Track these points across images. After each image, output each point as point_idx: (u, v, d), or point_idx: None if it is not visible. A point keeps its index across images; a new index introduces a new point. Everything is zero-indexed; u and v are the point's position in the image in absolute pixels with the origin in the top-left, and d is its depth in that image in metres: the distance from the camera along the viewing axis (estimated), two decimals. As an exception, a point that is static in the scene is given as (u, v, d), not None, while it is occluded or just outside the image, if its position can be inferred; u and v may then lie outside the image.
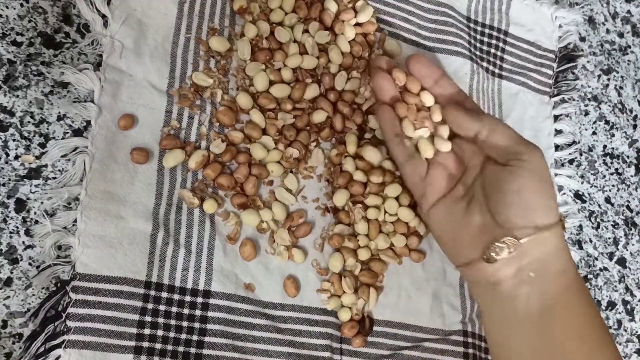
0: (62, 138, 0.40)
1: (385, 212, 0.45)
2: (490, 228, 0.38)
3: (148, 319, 0.39)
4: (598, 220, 0.57)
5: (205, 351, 0.40)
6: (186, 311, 0.40)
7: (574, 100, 0.59)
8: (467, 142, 0.42)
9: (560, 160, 0.57)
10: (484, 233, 0.38)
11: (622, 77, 0.62)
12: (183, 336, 0.39)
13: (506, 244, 0.37)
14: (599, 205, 0.58)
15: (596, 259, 0.56)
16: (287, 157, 0.44)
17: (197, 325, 0.40)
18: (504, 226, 0.37)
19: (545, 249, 0.37)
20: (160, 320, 0.39)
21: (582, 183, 0.57)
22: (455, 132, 0.42)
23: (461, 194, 0.41)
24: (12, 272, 0.37)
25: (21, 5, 0.41)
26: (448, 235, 0.41)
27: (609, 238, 0.57)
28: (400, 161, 0.43)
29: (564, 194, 0.56)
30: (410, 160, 0.42)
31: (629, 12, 0.65)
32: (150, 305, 0.39)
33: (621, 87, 0.62)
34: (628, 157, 0.60)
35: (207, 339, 0.40)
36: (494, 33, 0.56)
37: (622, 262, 0.57)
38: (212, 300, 0.41)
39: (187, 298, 0.40)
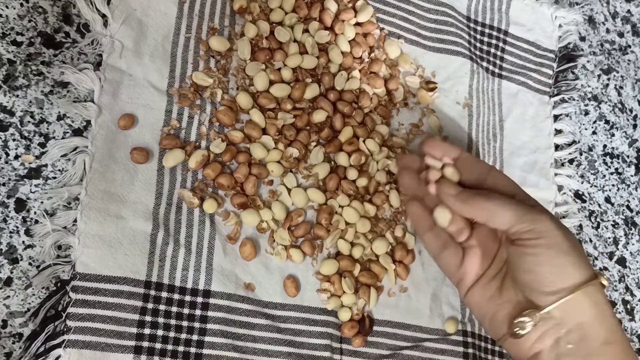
0: (62, 138, 0.40)
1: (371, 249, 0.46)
2: (522, 303, 0.37)
3: (148, 318, 0.39)
4: (598, 220, 0.57)
5: (205, 351, 0.40)
6: (186, 311, 0.40)
7: (574, 100, 0.59)
8: None
9: (560, 160, 0.57)
10: (516, 308, 0.37)
11: (622, 76, 0.62)
12: (183, 336, 0.39)
13: (529, 316, 0.35)
14: (599, 205, 0.58)
15: (596, 258, 0.56)
16: (287, 157, 0.44)
17: (197, 325, 0.40)
18: (529, 298, 0.36)
19: (580, 316, 0.35)
20: (160, 320, 0.39)
21: (582, 183, 0.57)
22: None
23: (496, 272, 0.40)
24: (12, 272, 0.37)
25: (21, 5, 0.41)
26: (487, 313, 0.39)
27: (609, 238, 0.57)
28: (435, 253, 0.42)
29: (564, 193, 0.56)
30: (444, 250, 0.41)
31: (629, 11, 0.65)
32: (150, 305, 0.39)
33: (621, 87, 0.62)
34: (628, 156, 0.60)
35: (207, 338, 0.40)
36: (494, 33, 0.56)
37: (622, 261, 0.57)
38: (212, 300, 0.41)
39: (187, 298, 0.40)
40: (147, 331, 0.38)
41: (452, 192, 0.39)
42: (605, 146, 0.60)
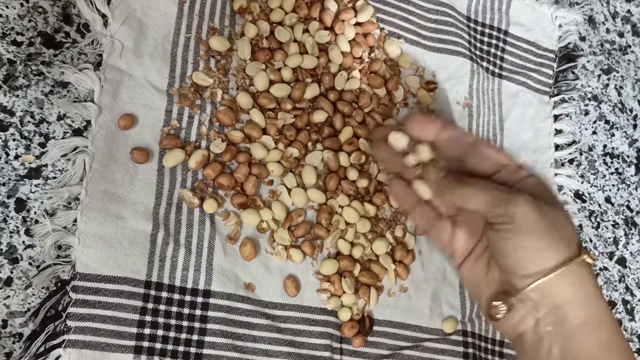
0: (62, 138, 0.40)
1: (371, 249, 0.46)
2: (504, 283, 0.37)
3: (148, 318, 0.39)
4: (598, 220, 0.57)
5: (205, 351, 0.40)
6: (186, 311, 0.40)
7: (574, 100, 0.59)
8: None
9: (560, 160, 0.57)
10: (499, 289, 0.37)
11: (622, 76, 0.62)
12: (183, 336, 0.39)
13: (502, 300, 0.36)
14: (599, 205, 0.58)
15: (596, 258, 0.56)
16: (287, 157, 0.44)
17: (197, 324, 0.40)
18: (507, 280, 0.36)
19: (559, 296, 0.34)
20: (161, 319, 0.39)
21: (582, 183, 0.57)
22: None
23: (483, 250, 0.40)
24: (12, 272, 0.37)
25: (21, 5, 0.41)
26: (476, 291, 0.40)
27: (609, 238, 0.57)
28: (425, 229, 0.43)
29: (564, 193, 0.56)
30: (433, 227, 0.41)
31: (629, 11, 0.65)
32: (150, 305, 0.39)
33: (621, 87, 0.62)
34: (628, 156, 0.60)
35: (207, 338, 0.40)
36: (494, 33, 0.56)
37: (622, 261, 0.57)
38: (212, 300, 0.41)
39: (187, 298, 0.40)
40: (147, 331, 0.38)
41: (432, 179, 0.39)
42: (605, 146, 0.60)
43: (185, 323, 0.40)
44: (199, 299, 0.40)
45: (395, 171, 0.42)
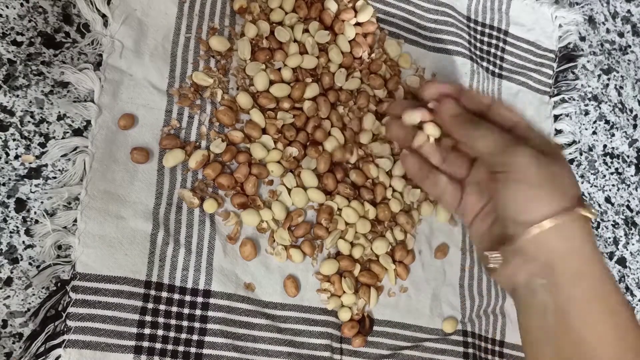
0: (62, 138, 0.40)
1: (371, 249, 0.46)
2: (503, 236, 0.38)
3: (148, 318, 0.39)
4: (598, 220, 0.57)
5: (205, 351, 0.40)
6: (186, 311, 0.40)
7: (574, 100, 0.59)
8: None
9: (560, 160, 0.57)
10: (498, 242, 0.38)
11: (622, 76, 0.62)
12: (183, 336, 0.39)
13: (497, 250, 0.37)
14: (599, 205, 0.58)
15: (596, 258, 0.56)
16: (287, 157, 0.44)
17: (197, 324, 0.40)
18: (506, 231, 0.37)
19: (552, 248, 0.35)
20: (161, 319, 0.39)
21: (582, 183, 0.57)
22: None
23: (491, 209, 0.41)
24: (12, 272, 0.37)
25: (21, 5, 0.41)
26: (480, 247, 0.41)
27: (609, 238, 0.57)
28: (437, 197, 0.45)
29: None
30: (444, 195, 0.43)
31: (629, 11, 0.65)
32: (150, 305, 0.39)
33: (621, 87, 0.62)
34: (628, 156, 0.60)
35: (207, 338, 0.40)
36: (494, 33, 0.56)
37: (622, 261, 0.57)
38: (212, 300, 0.41)
39: (187, 298, 0.40)
40: (147, 331, 0.38)
41: (452, 112, 0.40)
42: (605, 146, 0.60)
43: (185, 323, 0.40)
44: (199, 299, 0.40)
45: (408, 146, 0.44)
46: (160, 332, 0.39)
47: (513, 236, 0.36)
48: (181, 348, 0.39)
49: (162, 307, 0.39)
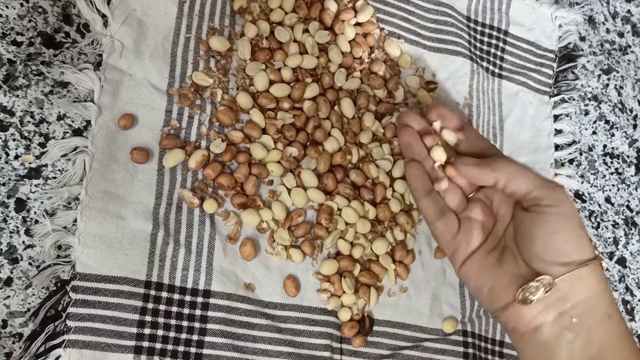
0: (62, 138, 0.40)
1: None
2: (525, 273, 0.37)
3: (148, 318, 0.39)
4: (598, 220, 0.57)
5: (205, 351, 0.40)
6: (186, 311, 0.40)
7: (574, 100, 0.59)
8: (494, 192, 0.40)
9: (560, 160, 0.57)
10: (519, 278, 0.37)
11: (622, 76, 0.62)
12: (183, 336, 0.39)
13: (541, 282, 0.35)
14: (599, 205, 0.58)
15: (596, 258, 0.56)
16: (287, 157, 0.44)
17: (197, 324, 0.40)
18: (537, 269, 0.36)
19: (586, 290, 0.35)
20: (161, 319, 0.39)
21: (582, 183, 0.57)
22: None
23: (493, 246, 0.39)
24: (12, 272, 0.37)
25: (21, 5, 0.41)
26: (483, 287, 0.39)
27: (609, 238, 0.57)
28: (432, 219, 0.41)
29: (564, 193, 0.56)
30: (441, 217, 0.40)
31: (629, 11, 0.65)
32: (150, 305, 0.39)
33: (621, 87, 0.62)
34: (628, 156, 0.60)
35: (207, 338, 0.40)
36: (494, 33, 0.56)
37: (622, 261, 0.57)
38: (212, 300, 0.41)
39: (187, 298, 0.40)
40: (147, 331, 0.38)
41: (471, 162, 0.39)
42: (605, 146, 0.60)
43: (185, 323, 0.40)
44: (199, 299, 0.40)
45: (415, 157, 0.42)
46: (160, 332, 0.39)
47: (550, 273, 0.35)
48: (181, 348, 0.39)
49: (162, 307, 0.39)
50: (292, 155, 0.44)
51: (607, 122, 0.60)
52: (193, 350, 0.39)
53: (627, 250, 0.58)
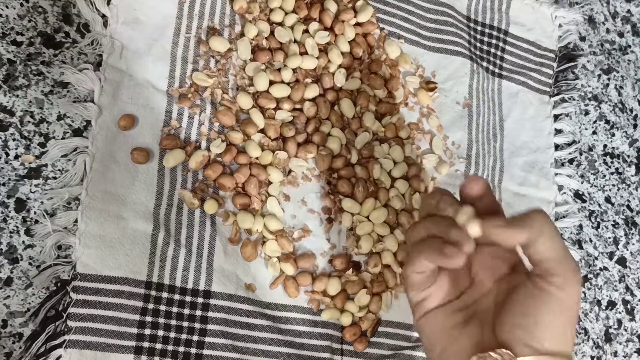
0: (62, 138, 0.40)
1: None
2: (486, 342, 0.34)
3: (149, 319, 0.39)
4: (598, 220, 0.57)
5: (205, 351, 0.40)
6: (187, 311, 0.40)
7: (574, 99, 0.59)
8: (478, 253, 0.35)
9: (560, 159, 0.57)
10: (477, 346, 0.34)
11: (622, 76, 0.62)
12: (183, 336, 0.39)
13: (501, 356, 0.32)
14: (599, 205, 0.58)
15: (596, 258, 0.56)
16: (277, 162, 0.44)
17: (197, 325, 0.40)
18: (503, 341, 0.33)
19: None
20: (161, 320, 0.39)
21: (582, 183, 0.57)
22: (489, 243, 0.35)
23: (461, 307, 0.37)
24: (12, 272, 0.37)
25: (21, 5, 0.41)
26: (437, 344, 0.36)
27: (609, 238, 0.57)
28: (417, 262, 0.36)
29: (564, 193, 0.56)
30: (429, 265, 0.36)
31: (629, 11, 0.65)
32: (150, 306, 0.39)
33: (621, 87, 0.62)
34: (628, 156, 0.60)
35: (207, 339, 0.40)
36: (494, 33, 0.56)
37: (622, 261, 0.57)
38: (212, 301, 0.41)
39: (188, 298, 0.40)
40: (147, 331, 0.38)
41: (501, 223, 0.34)
42: (605, 146, 0.60)
43: (185, 324, 0.40)
44: (200, 300, 0.40)
45: (435, 234, 0.36)
46: (160, 333, 0.39)
47: (516, 349, 0.32)
48: (181, 349, 0.39)
49: (162, 307, 0.39)
50: (281, 159, 0.44)
51: (607, 122, 0.60)
52: (193, 350, 0.39)
53: (627, 250, 0.58)
